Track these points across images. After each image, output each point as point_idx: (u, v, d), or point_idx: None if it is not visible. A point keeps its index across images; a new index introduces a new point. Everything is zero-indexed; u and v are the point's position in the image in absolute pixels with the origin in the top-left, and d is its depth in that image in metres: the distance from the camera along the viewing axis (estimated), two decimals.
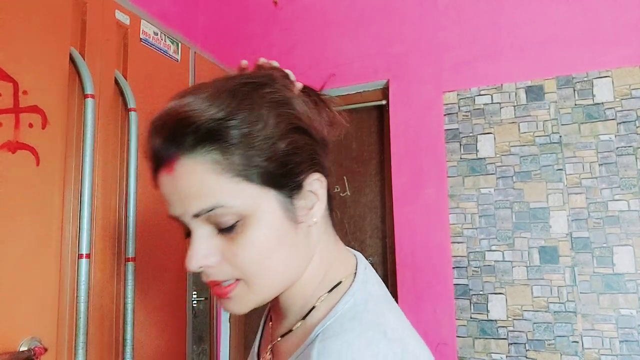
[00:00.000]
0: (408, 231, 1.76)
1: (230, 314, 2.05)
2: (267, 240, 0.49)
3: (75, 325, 1.06)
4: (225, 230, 0.49)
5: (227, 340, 2.05)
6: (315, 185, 0.53)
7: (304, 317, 0.55)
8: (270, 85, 0.53)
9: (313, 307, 0.55)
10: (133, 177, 1.24)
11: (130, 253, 1.22)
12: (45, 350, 0.98)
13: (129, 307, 1.20)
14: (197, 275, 0.61)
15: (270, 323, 0.65)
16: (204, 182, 0.47)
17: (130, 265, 1.22)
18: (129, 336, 1.19)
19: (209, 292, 1.97)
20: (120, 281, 1.21)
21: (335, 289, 0.55)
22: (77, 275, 1.08)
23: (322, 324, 0.51)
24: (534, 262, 1.59)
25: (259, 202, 0.49)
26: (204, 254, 0.49)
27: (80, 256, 1.08)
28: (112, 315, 1.18)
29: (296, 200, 0.51)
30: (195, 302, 1.88)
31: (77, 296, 1.07)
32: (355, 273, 0.57)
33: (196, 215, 0.48)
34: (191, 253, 0.49)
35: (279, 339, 0.58)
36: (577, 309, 1.53)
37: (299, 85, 0.61)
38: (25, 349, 0.94)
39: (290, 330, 0.56)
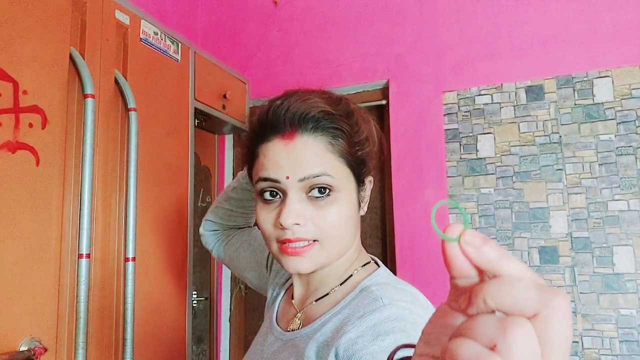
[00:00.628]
0: (408, 231, 1.76)
1: (230, 314, 2.05)
2: (346, 213, 0.63)
3: (75, 325, 1.06)
4: (317, 198, 0.62)
5: (227, 340, 2.05)
6: (368, 185, 0.69)
7: (342, 283, 0.68)
8: (356, 105, 0.69)
9: (350, 275, 0.68)
10: (133, 177, 1.24)
11: (130, 253, 1.22)
12: (45, 350, 0.98)
13: (129, 307, 1.20)
14: (196, 275, 0.70)
15: (292, 300, 0.75)
16: (319, 154, 0.61)
17: (130, 265, 1.22)
18: (129, 336, 1.19)
19: (209, 292, 1.97)
20: (120, 281, 1.21)
21: (367, 265, 0.70)
22: (77, 275, 1.08)
23: (369, 280, 0.66)
24: (534, 262, 1.59)
25: (347, 181, 0.64)
26: (298, 213, 0.61)
27: (80, 256, 1.08)
28: (112, 315, 1.18)
29: (360, 191, 0.67)
30: (195, 302, 1.88)
31: (77, 296, 1.07)
32: (375, 261, 0.73)
33: (301, 180, 0.61)
34: (288, 211, 0.61)
35: (313, 302, 0.69)
36: (577, 309, 1.53)
37: None
38: (25, 349, 0.94)
39: (327, 295, 0.68)
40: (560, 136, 1.62)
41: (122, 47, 1.31)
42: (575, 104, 1.61)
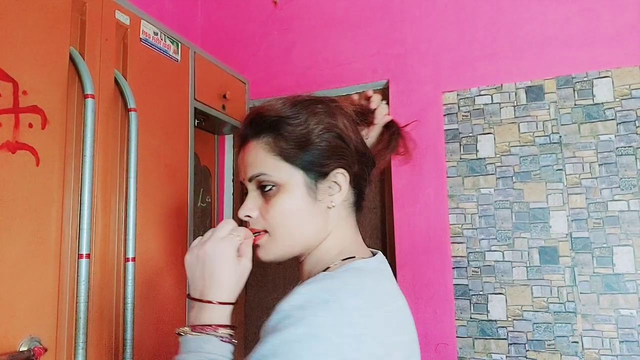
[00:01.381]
0: (408, 231, 1.76)
1: None
2: (289, 205, 0.68)
3: (75, 325, 1.06)
4: (265, 192, 0.70)
5: None
6: (339, 177, 0.71)
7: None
8: (324, 104, 0.72)
9: (327, 268, 0.70)
10: (133, 177, 1.24)
11: (130, 253, 1.22)
12: (45, 350, 0.98)
13: (129, 307, 1.20)
14: None
15: None
16: (258, 156, 0.69)
17: (130, 265, 1.22)
18: (129, 336, 1.18)
19: None
20: (120, 281, 1.21)
21: (347, 260, 0.70)
22: (77, 275, 1.08)
23: (332, 269, 0.69)
24: (533, 262, 1.59)
25: (289, 177, 0.68)
26: (250, 207, 0.71)
27: (80, 256, 1.08)
28: (112, 315, 1.18)
29: (319, 184, 0.70)
30: None
31: (77, 296, 1.07)
32: (367, 259, 0.72)
33: (250, 179, 0.70)
34: (241, 206, 0.71)
35: None
36: (577, 309, 1.53)
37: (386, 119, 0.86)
38: (25, 349, 0.94)
39: None
40: (560, 136, 1.62)
41: (122, 47, 1.31)
42: (575, 104, 1.61)
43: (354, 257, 0.71)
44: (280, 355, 0.54)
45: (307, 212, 0.69)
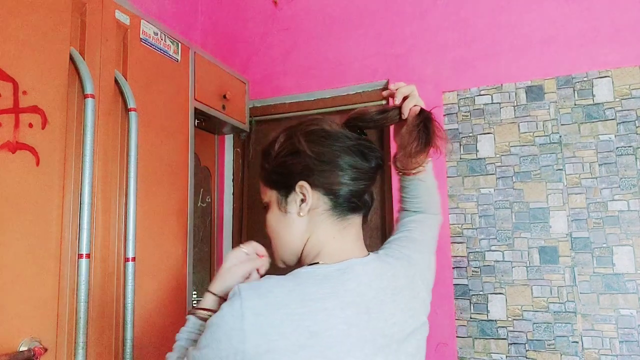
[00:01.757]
0: None
1: None
2: (269, 220, 0.84)
3: (75, 325, 1.06)
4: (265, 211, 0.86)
5: None
6: (303, 189, 0.78)
7: None
8: (289, 129, 0.83)
9: None
10: (133, 177, 1.24)
11: (130, 253, 1.22)
12: (45, 350, 0.98)
13: (129, 307, 1.20)
14: (196, 275, 0.86)
15: None
16: (260, 184, 0.86)
17: (130, 265, 1.22)
18: (128, 336, 1.19)
19: None
20: (120, 281, 1.21)
21: (311, 265, 0.77)
22: (77, 275, 1.08)
23: None
24: (533, 262, 1.59)
25: (269, 197, 0.84)
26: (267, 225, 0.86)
27: (80, 256, 1.08)
28: (112, 315, 1.18)
29: (289, 198, 0.80)
30: (195, 302, 1.88)
31: (77, 296, 1.07)
32: (318, 265, 0.76)
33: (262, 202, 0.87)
34: None
35: None
36: (577, 309, 1.53)
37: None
38: (25, 349, 0.94)
39: None
40: (560, 136, 1.62)
41: (122, 47, 1.31)
42: (575, 104, 1.61)
43: (317, 262, 0.77)
44: (203, 334, 0.71)
45: (280, 223, 0.82)
